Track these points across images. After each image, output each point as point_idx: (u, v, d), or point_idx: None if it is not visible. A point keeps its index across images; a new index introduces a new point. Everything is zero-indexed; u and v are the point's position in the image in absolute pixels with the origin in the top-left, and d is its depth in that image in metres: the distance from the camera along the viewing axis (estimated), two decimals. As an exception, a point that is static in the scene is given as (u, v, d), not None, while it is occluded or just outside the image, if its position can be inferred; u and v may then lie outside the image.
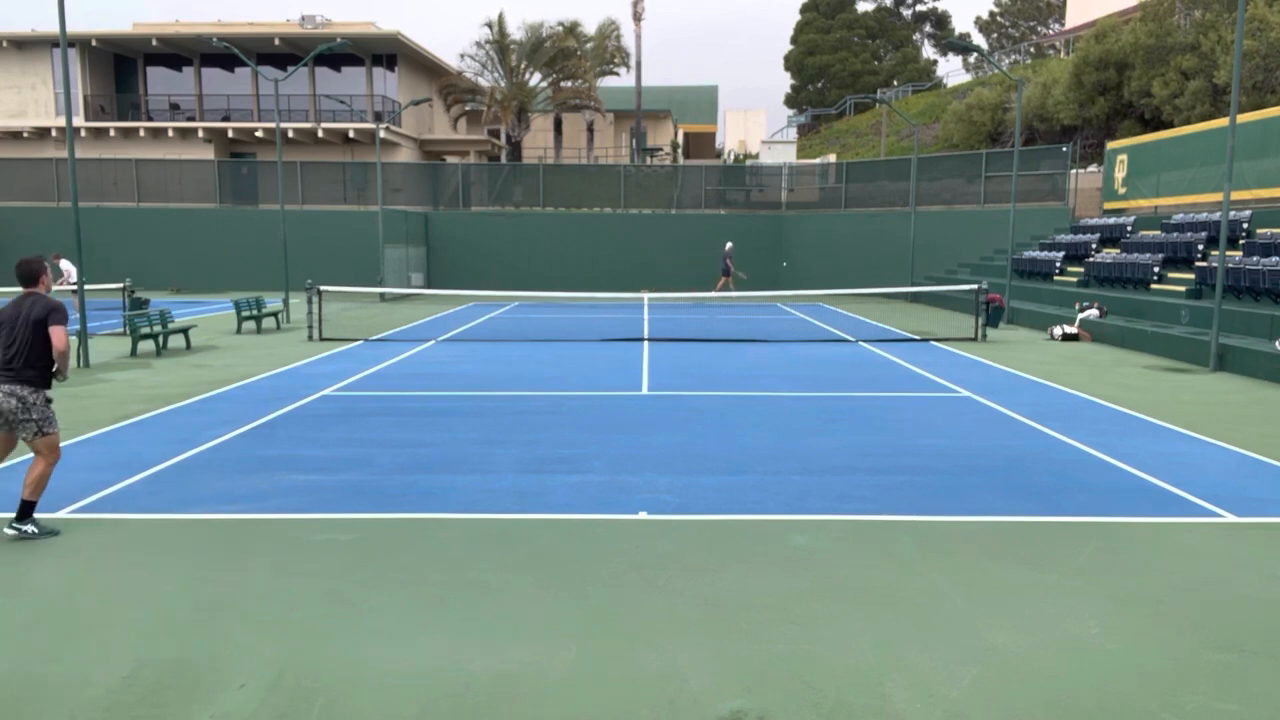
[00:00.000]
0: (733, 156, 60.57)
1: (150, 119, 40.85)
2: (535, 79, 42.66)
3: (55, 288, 12.21)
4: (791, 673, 4.56)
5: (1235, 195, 19.96)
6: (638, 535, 6.67)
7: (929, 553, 6.30)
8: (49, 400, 6.48)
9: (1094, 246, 24.75)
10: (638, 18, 46.52)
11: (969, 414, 11.23)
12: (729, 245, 32.24)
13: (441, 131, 45.92)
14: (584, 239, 35.35)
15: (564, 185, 38.30)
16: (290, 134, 38.51)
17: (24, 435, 6.37)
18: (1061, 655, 4.77)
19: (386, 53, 40.82)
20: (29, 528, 6.38)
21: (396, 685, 4.43)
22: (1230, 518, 7.14)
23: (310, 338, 18.80)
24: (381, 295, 29.85)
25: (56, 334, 6.38)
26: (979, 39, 66.95)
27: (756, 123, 65.35)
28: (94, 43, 39.12)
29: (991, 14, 67.88)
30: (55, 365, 6.49)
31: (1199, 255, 20.19)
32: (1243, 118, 20.48)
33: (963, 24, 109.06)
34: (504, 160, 44.34)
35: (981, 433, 10.19)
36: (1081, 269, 23.79)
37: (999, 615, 5.28)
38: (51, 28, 38.94)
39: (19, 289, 6.63)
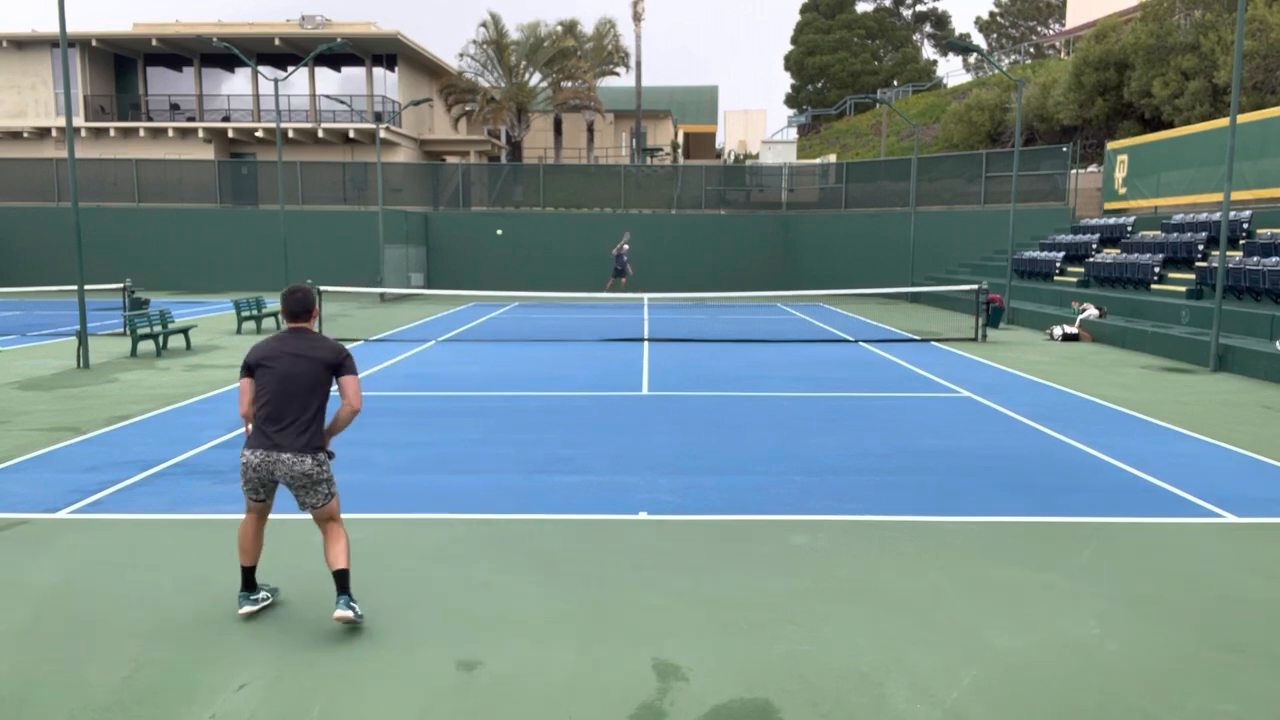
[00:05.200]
0: (733, 156, 60.56)
1: (150, 119, 40.84)
2: (535, 79, 42.67)
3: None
4: (791, 672, 4.56)
5: (1235, 195, 19.96)
6: (638, 535, 6.67)
7: (929, 553, 6.29)
8: (332, 456, 5.48)
9: (1094, 247, 24.75)
10: (637, 18, 46.53)
11: (969, 414, 11.23)
12: (626, 241, 32.28)
13: (441, 131, 45.91)
14: (584, 239, 35.34)
15: (564, 185, 38.31)
16: (290, 134, 38.50)
17: (311, 502, 5.28)
18: (1061, 655, 4.77)
19: (386, 53, 40.80)
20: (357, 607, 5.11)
21: (396, 686, 4.43)
22: (1230, 518, 7.14)
23: (310, 338, 18.76)
24: (381, 295, 29.85)
25: (352, 387, 5.25)
26: (979, 39, 66.95)
27: (756, 123, 65.34)
28: (94, 43, 39.11)
29: (991, 14, 67.86)
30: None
31: (1199, 255, 20.19)
32: (1243, 118, 20.48)
33: (963, 24, 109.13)
34: (504, 160, 44.34)
35: (981, 433, 10.18)
36: (1082, 269, 23.79)
37: (999, 615, 5.27)
38: (51, 28, 38.96)
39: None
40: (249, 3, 65.73)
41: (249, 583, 5.29)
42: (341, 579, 5.08)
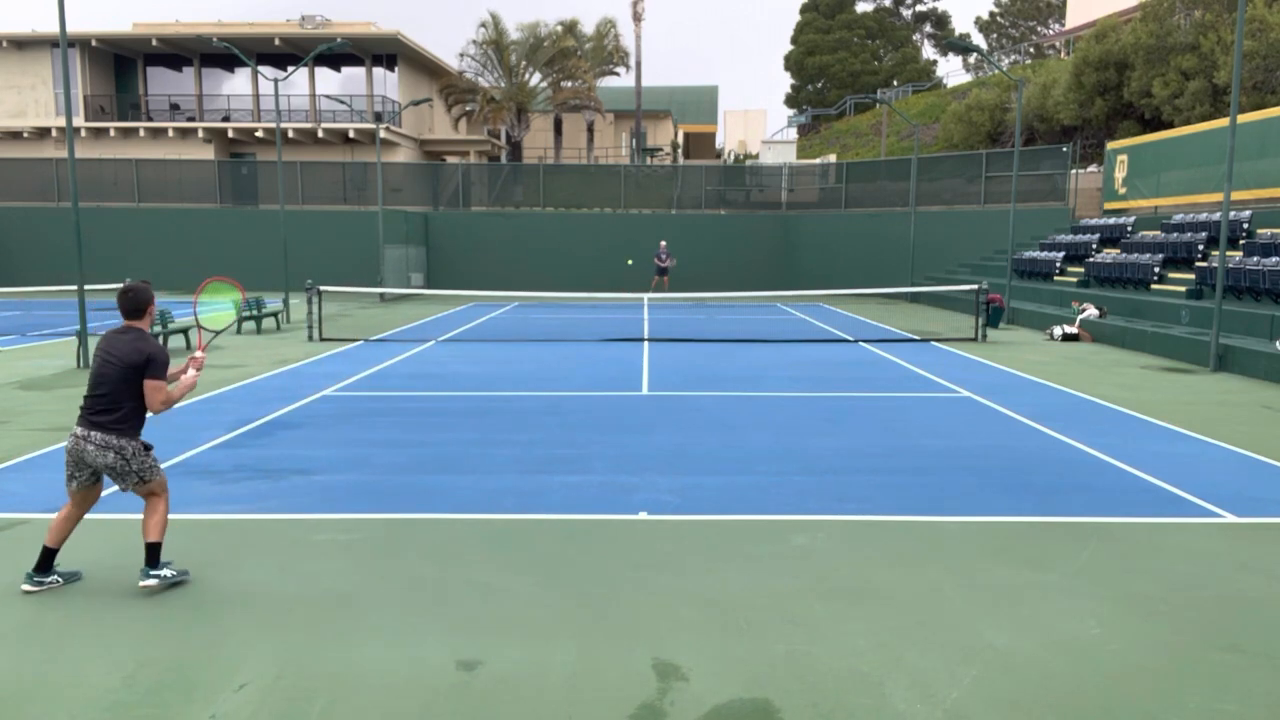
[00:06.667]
0: (733, 156, 60.58)
1: (150, 119, 40.85)
2: (535, 79, 42.67)
3: None
4: (791, 673, 4.56)
5: (1235, 195, 19.96)
6: (638, 535, 6.67)
7: (929, 553, 6.29)
8: (148, 448, 5.65)
9: (1094, 246, 24.75)
10: (637, 18, 46.53)
11: (969, 414, 11.23)
12: (664, 243, 32.43)
13: (441, 131, 45.92)
14: (584, 239, 35.35)
15: (564, 185, 38.31)
16: (290, 134, 38.51)
17: (124, 488, 5.57)
18: (1061, 655, 4.77)
19: (386, 53, 40.82)
20: (166, 572, 5.57)
21: (396, 685, 4.43)
22: (1230, 518, 7.14)
23: (310, 338, 18.80)
24: (381, 295, 29.85)
25: (153, 396, 5.53)
26: (979, 39, 66.94)
27: (756, 123, 65.36)
28: (94, 43, 39.12)
29: (991, 14, 67.85)
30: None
31: (1199, 255, 20.19)
32: (1243, 118, 20.48)
33: (963, 24, 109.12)
34: (504, 160, 44.34)
35: (981, 433, 10.18)
36: (1081, 269, 23.80)
37: (999, 615, 5.27)
38: (51, 28, 38.95)
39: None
40: (249, 3, 65.74)
41: (43, 565, 5.60)
42: (148, 551, 5.54)
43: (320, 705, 4.25)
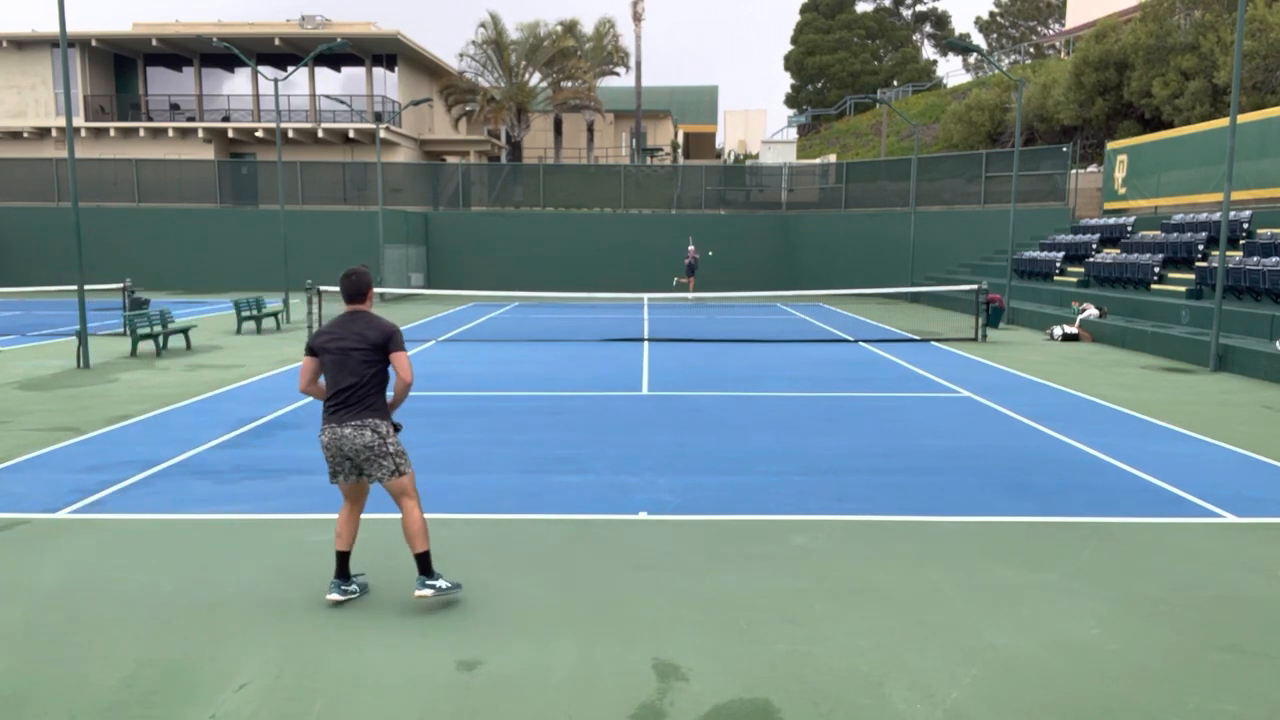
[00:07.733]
0: (733, 156, 60.57)
1: (150, 119, 40.85)
2: (535, 79, 42.68)
3: None
4: (791, 673, 4.56)
5: (1235, 195, 19.96)
6: (638, 535, 6.67)
7: (929, 553, 6.29)
8: (398, 428, 5.51)
9: (1094, 246, 24.75)
10: (637, 18, 46.53)
11: (969, 414, 11.23)
12: (691, 246, 32.40)
13: (441, 131, 45.91)
14: (584, 239, 35.35)
15: (564, 185, 38.31)
16: (290, 134, 38.50)
17: (378, 476, 5.34)
18: (1061, 655, 4.77)
19: (386, 53, 40.81)
20: (441, 583, 5.35)
21: (396, 685, 4.43)
22: (1230, 518, 7.14)
23: (310, 338, 18.78)
24: (381, 295, 29.85)
25: (402, 362, 5.43)
26: (979, 39, 66.93)
27: (756, 123, 65.36)
28: (94, 43, 39.12)
29: (991, 14, 67.84)
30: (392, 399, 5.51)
31: (1199, 255, 20.19)
32: (1243, 118, 20.48)
33: (963, 24, 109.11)
34: (504, 160, 44.34)
35: (981, 433, 10.18)
36: (1081, 269, 23.80)
37: (999, 615, 5.27)
38: (51, 28, 38.96)
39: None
40: (249, 3, 65.79)
41: (342, 570, 5.43)
42: (418, 561, 5.34)
43: (320, 705, 4.25)
